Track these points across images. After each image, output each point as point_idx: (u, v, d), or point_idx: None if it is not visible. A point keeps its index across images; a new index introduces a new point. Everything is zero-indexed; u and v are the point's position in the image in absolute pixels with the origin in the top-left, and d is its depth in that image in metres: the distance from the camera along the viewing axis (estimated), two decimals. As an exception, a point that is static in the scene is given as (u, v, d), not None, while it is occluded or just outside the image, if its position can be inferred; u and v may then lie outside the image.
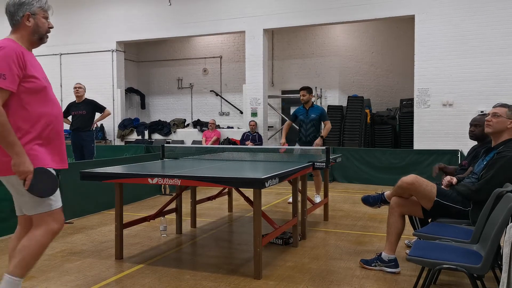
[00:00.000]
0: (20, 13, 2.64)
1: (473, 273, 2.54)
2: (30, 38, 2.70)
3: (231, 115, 14.33)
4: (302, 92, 6.93)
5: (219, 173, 4.02)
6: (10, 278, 2.58)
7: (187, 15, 12.21)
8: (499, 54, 9.36)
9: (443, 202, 3.53)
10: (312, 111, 6.88)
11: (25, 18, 2.65)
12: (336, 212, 6.38)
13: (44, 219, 2.63)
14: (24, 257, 2.58)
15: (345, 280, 3.63)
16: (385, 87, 13.27)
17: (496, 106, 3.55)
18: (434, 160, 8.73)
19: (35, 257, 2.62)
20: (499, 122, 3.46)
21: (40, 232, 2.61)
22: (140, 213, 6.19)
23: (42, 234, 2.62)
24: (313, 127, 6.85)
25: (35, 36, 2.71)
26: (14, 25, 2.67)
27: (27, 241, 2.61)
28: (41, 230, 2.62)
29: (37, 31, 2.70)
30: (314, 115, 6.84)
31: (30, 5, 2.65)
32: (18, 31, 2.68)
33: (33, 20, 2.67)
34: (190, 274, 3.78)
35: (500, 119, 3.46)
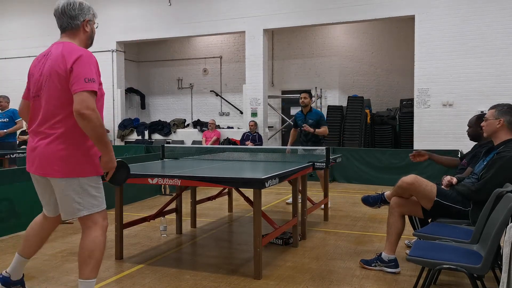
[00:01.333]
0: (81, 17, 2.76)
1: (473, 273, 2.54)
2: (86, 42, 2.84)
3: (231, 115, 14.33)
4: (304, 95, 6.79)
5: (219, 173, 4.03)
6: (89, 282, 2.74)
7: (187, 15, 12.21)
8: (499, 54, 9.36)
9: (443, 202, 3.53)
10: (310, 116, 6.77)
11: (85, 23, 2.78)
12: (336, 212, 6.38)
13: (96, 219, 2.78)
14: (96, 259, 2.75)
15: (345, 280, 3.63)
16: (385, 87, 13.27)
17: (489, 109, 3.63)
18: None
19: (102, 256, 2.81)
20: (488, 125, 3.55)
21: (98, 232, 2.78)
22: (140, 213, 6.19)
23: (101, 233, 2.79)
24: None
25: (89, 40, 2.87)
26: (72, 28, 2.76)
27: (92, 245, 2.74)
28: (98, 230, 2.78)
29: (91, 37, 2.87)
30: (311, 120, 6.72)
31: (88, 11, 2.80)
32: (76, 35, 2.78)
33: (90, 26, 2.82)
34: (190, 274, 3.78)
35: (489, 121, 3.55)
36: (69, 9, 2.72)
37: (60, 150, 2.61)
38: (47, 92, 2.64)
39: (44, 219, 3.04)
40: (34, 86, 2.75)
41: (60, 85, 2.60)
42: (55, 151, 2.61)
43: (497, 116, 3.49)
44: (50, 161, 2.62)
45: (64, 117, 2.61)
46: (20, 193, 5.18)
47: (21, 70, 14.11)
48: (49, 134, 2.63)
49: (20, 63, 14.05)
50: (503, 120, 3.46)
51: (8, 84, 14.17)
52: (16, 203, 5.16)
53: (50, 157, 2.62)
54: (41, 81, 2.68)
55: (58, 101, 2.61)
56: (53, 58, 2.64)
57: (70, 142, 2.63)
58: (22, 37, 14.06)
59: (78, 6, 2.74)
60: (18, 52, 14.05)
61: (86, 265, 2.73)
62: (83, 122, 2.51)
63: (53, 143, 2.62)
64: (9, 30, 14.30)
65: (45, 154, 2.63)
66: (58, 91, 2.60)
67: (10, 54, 14.20)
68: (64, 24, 2.75)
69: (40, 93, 2.69)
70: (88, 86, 2.53)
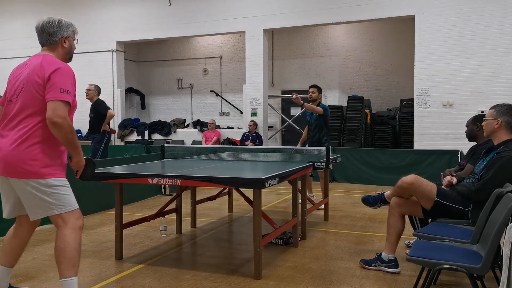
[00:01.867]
0: (59, 34, 2.93)
1: (473, 273, 2.54)
2: (64, 57, 2.98)
3: (231, 115, 14.33)
4: (312, 89, 6.78)
5: (219, 173, 4.03)
6: (67, 280, 2.79)
7: (187, 15, 12.21)
8: (499, 54, 9.35)
9: (443, 202, 3.53)
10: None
11: (63, 39, 2.95)
12: (336, 212, 6.38)
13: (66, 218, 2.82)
14: (69, 257, 2.78)
15: (345, 280, 3.63)
16: (385, 87, 13.27)
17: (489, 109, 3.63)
18: (434, 161, 8.74)
19: (77, 254, 2.82)
20: (487, 125, 3.56)
21: (68, 231, 2.80)
22: (140, 213, 6.19)
23: (71, 231, 2.81)
24: (317, 127, 6.77)
25: (67, 56, 3.02)
26: (50, 44, 2.94)
27: (62, 244, 2.79)
28: (68, 229, 2.81)
29: (69, 52, 3.03)
30: (317, 115, 6.77)
31: (67, 28, 2.96)
32: (54, 50, 2.95)
33: (68, 42, 2.98)
34: (190, 274, 3.78)
35: (488, 121, 3.55)
36: (48, 27, 2.91)
37: (30, 152, 2.72)
38: (22, 98, 2.77)
39: (18, 226, 3.06)
40: (9, 92, 2.88)
41: (36, 92, 2.74)
42: (25, 153, 2.72)
43: (496, 116, 3.49)
44: (19, 162, 2.71)
45: (36, 123, 2.75)
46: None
47: (21, 70, 14.16)
48: (19, 137, 2.73)
49: (19, 63, 14.05)
50: (501, 120, 3.46)
51: (8, 84, 14.19)
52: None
53: (19, 159, 2.71)
54: (16, 87, 2.82)
55: (32, 108, 2.75)
56: (31, 68, 2.79)
57: (39, 145, 2.74)
58: (22, 37, 14.05)
59: (56, 23, 2.92)
60: (18, 52, 14.03)
61: (60, 263, 2.79)
62: (55, 129, 2.68)
63: (22, 145, 2.72)
64: (10, 30, 14.30)
65: (14, 156, 2.72)
66: (33, 98, 2.75)
67: (10, 54, 14.20)
68: (43, 40, 2.94)
69: (13, 99, 2.82)
70: (62, 96, 2.70)
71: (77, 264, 2.83)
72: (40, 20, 2.95)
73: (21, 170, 2.71)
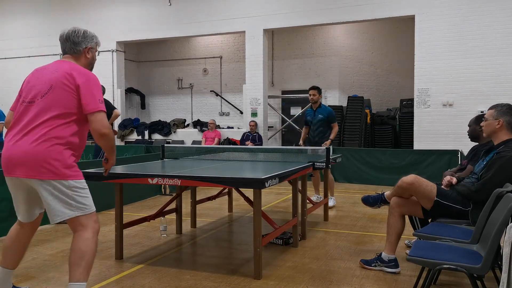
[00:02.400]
0: (83, 45, 2.98)
1: (473, 273, 2.54)
2: (86, 67, 3.01)
3: (231, 115, 14.33)
4: (313, 91, 6.76)
5: (219, 173, 4.03)
6: (80, 285, 2.74)
7: (187, 15, 12.21)
8: (499, 54, 9.35)
9: (443, 202, 3.53)
10: (319, 111, 6.76)
11: (87, 50, 3.00)
12: (336, 212, 6.38)
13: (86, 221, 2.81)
14: (88, 261, 2.77)
15: (345, 280, 3.63)
16: (385, 87, 13.26)
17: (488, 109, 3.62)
18: (434, 160, 8.74)
19: (93, 259, 2.83)
20: (487, 125, 3.55)
21: (89, 234, 2.80)
22: (140, 213, 6.19)
23: (92, 235, 2.81)
24: (321, 127, 6.73)
25: (89, 66, 3.06)
26: (74, 53, 2.98)
27: (84, 247, 2.76)
28: (90, 233, 2.80)
29: (91, 63, 3.08)
30: (321, 116, 6.72)
31: (91, 39, 3.02)
32: (77, 59, 2.99)
33: (91, 53, 3.03)
34: (190, 274, 3.78)
35: (488, 121, 3.54)
36: (73, 36, 2.95)
37: (52, 152, 2.70)
38: (48, 99, 2.76)
39: (20, 228, 3.06)
40: (29, 93, 2.84)
41: (67, 95, 2.76)
42: (48, 151, 2.69)
43: (497, 117, 3.48)
44: (42, 161, 2.68)
45: (60, 124, 2.75)
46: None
47: (21, 70, 14.13)
48: (42, 135, 2.70)
49: (20, 63, 14.06)
50: (502, 120, 3.46)
51: (8, 84, 14.17)
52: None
53: (42, 158, 2.69)
54: (41, 88, 2.79)
55: (58, 109, 2.75)
56: (60, 72, 2.80)
57: (62, 146, 2.74)
58: (22, 37, 14.06)
59: (82, 34, 2.97)
60: (18, 52, 14.05)
61: (77, 267, 2.74)
62: (102, 139, 2.82)
63: (45, 144, 2.69)
64: (10, 30, 14.29)
65: (36, 154, 2.68)
66: (62, 100, 2.76)
67: (10, 54, 14.20)
68: (67, 48, 2.97)
69: (35, 100, 2.79)
70: (102, 106, 2.79)
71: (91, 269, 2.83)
72: (65, 29, 2.99)
73: (43, 169, 2.68)
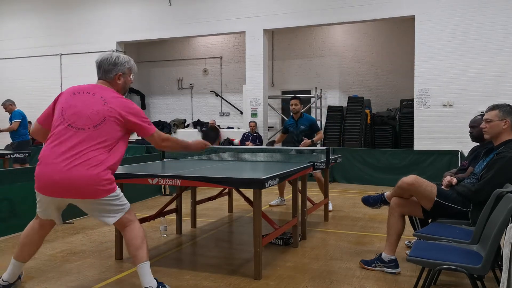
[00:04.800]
0: (114, 72, 3.12)
1: (473, 273, 2.54)
2: (120, 91, 3.18)
3: (231, 115, 14.33)
4: (295, 101, 6.56)
5: (219, 174, 4.02)
6: (145, 264, 3.09)
7: (187, 15, 12.21)
8: (499, 54, 9.36)
9: (443, 203, 3.53)
10: (301, 122, 6.59)
11: (117, 77, 3.13)
12: (336, 213, 6.38)
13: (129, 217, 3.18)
14: (146, 243, 3.16)
15: (345, 281, 3.63)
16: (385, 88, 13.27)
17: (488, 111, 3.54)
18: (434, 161, 8.75)
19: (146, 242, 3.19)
20: (492, 127, 3.46)
21: (137, 224, 3.20)
22: (140, 213, 6.19)
23: (138, 224, 3.21)
24: (305, 138, 6.52)
25: (122, 91, 3.20)
26: (106, 78, 3.14)
27: (139, 233, 3.15)
28: (136, 223, 3.20)
29: (124, 88, 3.21)
30: (303, 127, 6.56)
31: (123, 66, 3.14)
32: (112, 85, 3.15)
33: (123, 78, 3.16)
34: (190, 274, 3.78)
35: (493, 123, 3.46)
36: (104, 63, 3.11)
37: (107, 175, 2.98)
38: (100, 131, 2.96)
39: (40, 226, 3.24)
40: (77, 118, 2.99)
41: (114, 129, 3.00)
42: (105, 176, 2.96)
43: (503, 117, 3.42)
44: (97, 186, 2.94)
45: (110, 149, 3.01)
46: (20, 193, 5.18)
47: (21, 70, 14.16)
48: (97, 163, 2.94)
49: (20, 63, 14.07)
50: (509, 120, 3.41)
51: (8, 84, 14.18)
52: (16, 203, 5.17)
53: (100, 182, 2.94)
54: (92, 118, 2.97)
55: (110, 139, 3.00)
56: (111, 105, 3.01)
57: (111, 168, 3.02)
58: (22, 37, 14.07)
59: (113, 61, 3.11)
60: (19, 52, 14.05)
61: (141, 249, 3.09)
62: (167, 149, 3.44)
63: (101, 170, 2.95)
64: (10, 30, 14.30)
65: (95, 180, 2.92)
66: (113, 133, 3.00)
67: (10, 54, 14.20)
68: (100, 74, 3.15)
69: (86, 128, 2.97)
70: (152, 127, 3.15)
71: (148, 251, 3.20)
72: (100, 56, 3.16)
73: (99, 191, 2.95)
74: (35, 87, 13.76)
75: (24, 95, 13.42)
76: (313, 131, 6.60)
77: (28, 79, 13.97)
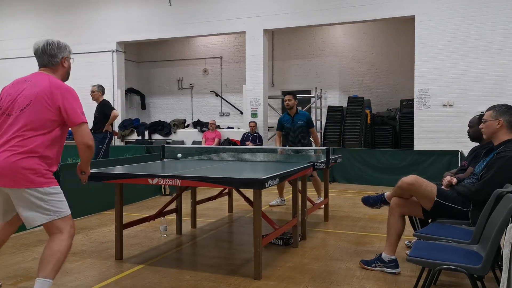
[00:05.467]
0: (60, 55, 3.10)
1: (473, 273, 2.54)
2: (64, 77, 3.17)
3: (231, 115, 14.33)
4: (288, 97, 6.64)
5: (219, 174, 4.03)
6: (46, 281, 2.84)
7: (187, 16, 12.21)
8: (499, 54, 9.35)
9: (443, 203, 3.53)
10: (298, 118, 6.63)
11: (63, 60, 3.12)
12: (336, 213, 6.38)
13: (61, 225, 2.92)
14: (58, 260, 2.88)
15: (345, 281, 3.63)
16: (385, 88, 13.27)
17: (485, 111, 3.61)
18: (434, 161, 8.74)
19: (64, 260, 2.95)
20: (487, 126, 3.54)
21: (65, 236, 2.92)
22: (140, 213, 6.19)
23: (67, 237, 2.93)
24: (302, 133, 6.63)
25: (67, 75, 3.20)
26: (52, 65, 3.08)
27: (57, 246, 2.89)
28: (65, 235, 2.92)
29: (68, 72, 3.21)
30: (301, 122, 6.60)
31: (65, 49, 3.15)
32: (56, 70, 3.10)
33: (67, 62, 3.16)
34: (190, 274, 3.78)
35: (488, 123, 3.53)
36: (49, 49, 3.06)
37: (31, 164, 2.81)
38: (27, 113, 2.86)
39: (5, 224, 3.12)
40: (7, 105, 2.94)
41: (45, 110, 2.87)
42: (24, 163, 2.80)
43: (496, 117, 3.47)
44: (17, 172, 2.78)
45: (37, 135, 2.85)
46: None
47: (21, 70, 14.15)
48: (21, 149, 2.81)
49: (20, 63, 14.05)
50: (502, 120, 3.45)
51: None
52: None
53: (17, 169, 2.78)
54: (20, 102, 2.90)
55: (36, 123, 2.85)
56: (41, 88, 2.90)
57: (39, 157, 2.84)
58: (22, 37, 14.06)
59: (56, 45, 3.09)
60: (18, 52, 14.05)
61: (47, 263, 2.85)
62: (88, 150, 3.00)
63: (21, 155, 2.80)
64: (10, 30, 14.30)
65: (14, 167, 2.78)
66: (40, 114, 2.86)
67: (10, 54, 14.21)
68: (45, 61, 3.07)
69: (12, 112, 2.90)
70: (84, 118, 2.96)
71: (59, 270, 2.92)
72: (38, 43, 3.08)
73: (18, 179, 2.78)
74: (35, 87, 13.74)
75: (24, 95, 13.41)
76: (309, 126, 6.69)
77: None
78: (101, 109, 7.97)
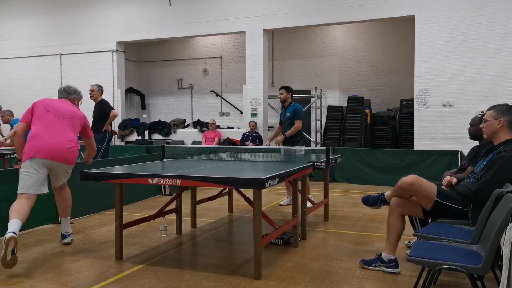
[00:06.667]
0: (73, 95, 4.87)
1: (473, 273, 2.54)
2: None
3: (231, 115, 14.34)
4: (281, 90, 6.92)
5: (219, 174, 4.02)
6: (68, 218, 4.78)
7: (187, 15, 12.22)
8: (499, 54, 9.36)
9: (443, 203, 3.53)
10: (288, 110, 6.78)
11: (76, 99, 4.90)
12: (336, 213, 6.38)
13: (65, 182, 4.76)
14: (71, 202, 4.79)
15: (345, 281, 3.63)
16: (385, 88, 13.27)
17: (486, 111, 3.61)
18: (434, 161, 8.75)
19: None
20: (488, 126, 3.54)
21: (68, 189, 4.78)
22: (140, 213, 6.19)
23: (68, 188, 4.79)
24: (290, 125, 6.69)
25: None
26: (69, 99, 4.81)
27: (67, 195, 4.74)
28: (67, 188, 4.77)
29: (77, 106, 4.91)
30: (289, 113, 6.73)
31: (78, 93, 4.93)
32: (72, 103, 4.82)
33: (77, 101, 4.92)
34: (190, 274, 3.78)
35: (488, 122, 3.53)
36: (67, 90, 4.85)
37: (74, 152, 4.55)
38: (71, 121, 4.59)
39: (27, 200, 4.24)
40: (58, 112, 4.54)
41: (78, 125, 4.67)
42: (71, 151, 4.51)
43: (496, 116, 3.48)
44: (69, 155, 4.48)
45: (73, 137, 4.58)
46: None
47: (21, 70, 14.16)
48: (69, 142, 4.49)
49: (20, 63, 14.07)
50: (503, 120, 3.45)
51: (9, 84, 14.19)
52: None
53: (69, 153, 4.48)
54: (68, 114, 4.59)
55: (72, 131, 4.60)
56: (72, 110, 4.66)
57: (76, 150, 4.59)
58: (22, 37, 14.07)
59: (73, 90, 4.87)
60: (19, 52, 14.06)
61: (67, 208, 4.75)
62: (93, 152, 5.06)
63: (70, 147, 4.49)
64: (10, 30, 14.30)
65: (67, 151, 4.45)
66: (73, 126, 4.61)
67: (11, 54, 14.21)
68: (64, 95, 4.82)
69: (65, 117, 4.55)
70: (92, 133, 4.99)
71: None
72: (63, 85, 4.95)
73: (68, 160, 4.49)
74: (35, 87, 13.75)
75: (24, 95, 13.42)
76: (294, 117, 6.69)
77: (28, 79, 13.98)
78: (100, 108, 7.96)
